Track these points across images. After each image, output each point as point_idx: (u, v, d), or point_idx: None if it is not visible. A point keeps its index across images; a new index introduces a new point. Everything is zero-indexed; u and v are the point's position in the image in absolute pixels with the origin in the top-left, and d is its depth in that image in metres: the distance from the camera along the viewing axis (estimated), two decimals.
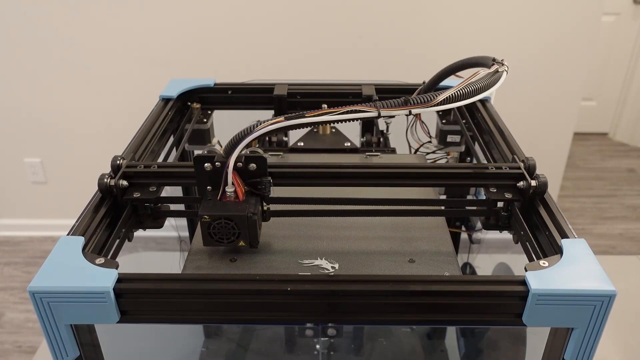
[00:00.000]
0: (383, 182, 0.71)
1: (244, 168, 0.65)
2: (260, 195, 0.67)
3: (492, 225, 0.73)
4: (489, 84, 0.63)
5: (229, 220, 0.63)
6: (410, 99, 0.59)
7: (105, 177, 0.68)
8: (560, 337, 0.56)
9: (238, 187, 0.65)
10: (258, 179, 0.66)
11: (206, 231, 0.64)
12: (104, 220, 0.65)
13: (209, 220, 0.63)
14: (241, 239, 0.65)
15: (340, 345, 1.06)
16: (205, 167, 0.65)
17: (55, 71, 2.05)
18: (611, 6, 2.92)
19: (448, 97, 0.60)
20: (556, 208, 0.65)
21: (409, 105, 0.59)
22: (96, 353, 0.59)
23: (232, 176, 0.64)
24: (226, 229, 0.64)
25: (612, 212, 2.64)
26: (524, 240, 0.66)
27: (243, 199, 0.65)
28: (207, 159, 0.65)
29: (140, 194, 0.69)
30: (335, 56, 2.01)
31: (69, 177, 2.29)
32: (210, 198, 0.65)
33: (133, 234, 0.72)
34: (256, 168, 0.65)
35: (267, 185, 0.66)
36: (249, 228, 0.64)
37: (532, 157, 0.71)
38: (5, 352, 1.85)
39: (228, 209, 0.64)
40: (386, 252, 0.70)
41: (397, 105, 0.59)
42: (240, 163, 0.65)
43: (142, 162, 0.75)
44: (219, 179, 0.65)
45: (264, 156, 0.66)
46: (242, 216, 0.63)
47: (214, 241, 0.65)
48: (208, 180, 0.66)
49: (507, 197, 0.69)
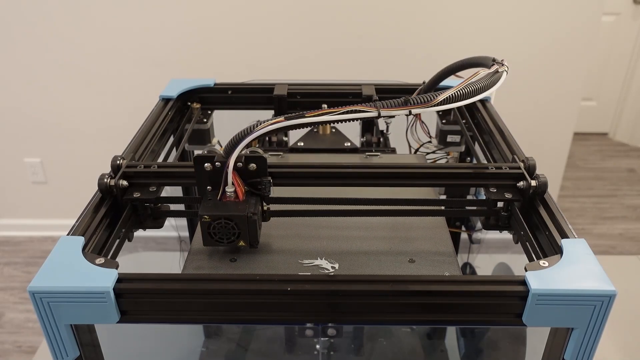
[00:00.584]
0: (383, 182, 0.71)
1: (244, 168, 0.65)
2: (260, 195, 0.67)
3: (492, 225, 0.73)
4: (489, 84, 0.63)
5: (229, 220, 0.63)
6: (410, 99, 0.59)
7: (105, 177, 0.68)
8: (560, 337, 0.56)
9: (238, 187, 0.65)
10: (258, 179, 0.66)
11: (206, 231, 0.64)
12: (104, 221, 0.65)
13: (209, 220, 0.63)
14: (241, 239, 0.65)
15: (340, 345, 1.06)
16: (205, 167, 0.65)
17: (55, 71, 2.05)
18: (611, 6, 2.92)
19: (448, 97, 0.60)
20: (556, 208, 0.65)
21: (409, 106, 0.59)
22: (96, 353, 0.59)
23: (232, 176, 0.64)
24: (226, 229, 0.64)
25: (612, 212, 2.64)
26: (524, 240, 0.66)
27: (243, 199, 0.65)
28: (207, 159, 0.65)
29: (140, 194, 0.69)
30: (335, 56, 2.01)
31: (69, 177, 2.29)
32: (210, 198, 0.65)
33: (133, 234, 0.72)
34: (256, 168, 0.65)
35: (267, 185, 0.66)
36: (249, 228, 0.64)
37: (532, 157, 0.71)
38: (5, 352, 1.85)
39: (228, 209, 0.64)
40: (386, 252, 0.70)
41: (397, 105, 0.59)
42: (240, 163, 0.64)
43: (142, 162, 0.75)
44: (219, 179, 0.64)
45: (263, 156, 0.66)
46: (242, 216, 0.63)
47: (213, 241, 0.65)
48: (208, 180, 0.66)
49: (507, 197, 0.69)
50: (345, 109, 0.59)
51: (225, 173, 0.64)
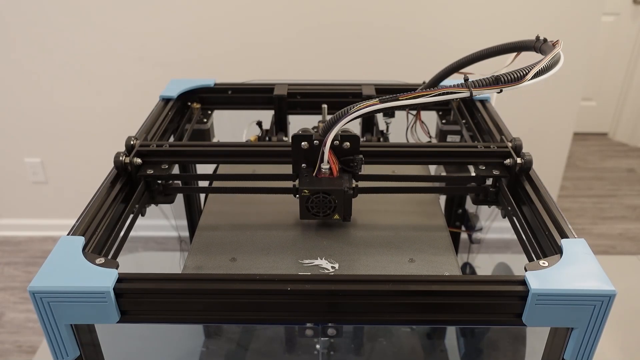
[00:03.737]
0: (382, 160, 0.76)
1: (339, 146, 0.69)
2: (351, 172, 0.71)
3: (481, 200, 0.77)
4: (558, 56, 0.65)
5: (326, 194, 0.68)
6: (500, 77, 0.60)
7: (121, 155, 0.72)
8: (560, 337, 0.56)
9: (333, 164, 0.69)
10: (351, 157, 0.70)
11: (304, 205, 0.69)
12: (119, 196, 0.69)
13: (308, 194, 0.68)
14: (336, 213, 0.69)
15: (340, 345, 1.06)
16: (302, 146, 0.69)
17: (55, 71, 2.05)
18: (611, 6, 2.92)
19: (538, 72, 0.61)
20: (544, 189, 0.68)
21: (500, 84, 0.60)
22: (96, 353, 0.59)
23: (328, 154, 0.68)
24: (323, 203, 0.69)
25: (612, 212, 2.64)
26: (511, 214, 0.70)
27: (337, 176, 0.70)
28: (305, 138, 0.69)
29: (153, 172, 0.74)
30: (335, 56, 2.01)
31: (69, 177, 2.29)
32: (306, 175, 0.70)
33: (146, 209, 0.76)
34: (350, 146, 0.70)
35: (359, 163, 0.71)
36: (345, 202, 0.68)
37: (518, 137, 0.76)
38: (5, 352, 1.85)
39: (326, 184, 0.69)
40: (386, 252, 0.70)
41: (488, 84, 0.60)
42: (337, 141, 0.69)
43: (154, 141, 0.79)
44: (314, 157, 0.70)
45: (357, 135, 0.70)
46: (340, 190, 0.68)
47: (310, 214, 0.70)
48: (303, 158, 0.71)
49: (495, 173, 0.73)
50: (438, 90, 0.60)
51: (322, 151, 0.68)
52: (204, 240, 0.73)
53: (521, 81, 0.60)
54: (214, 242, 0.73)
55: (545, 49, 0.68)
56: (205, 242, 0.73)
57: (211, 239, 0.73)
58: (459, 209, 1.10)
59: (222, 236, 0.74)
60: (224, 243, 0.72)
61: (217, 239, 0.73)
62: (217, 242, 0.73)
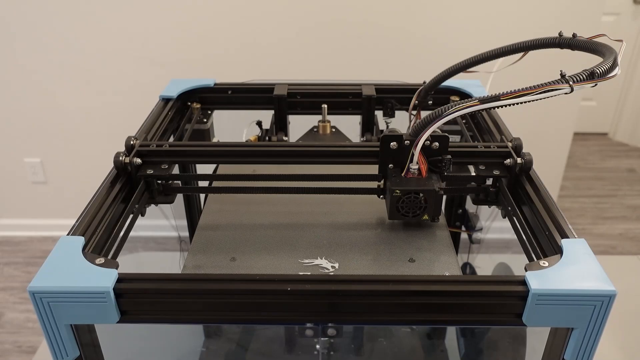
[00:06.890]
0: None
1: (428, 146, 0.69)
2: (438, 173, 0.71)
3: (482, 200, 0.77)
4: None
5: (417, 195, 0.68)
6: (595, 70, 0.60)
7: (121, 155, 0.72)
8: (560, 337, 0.56)
9: (422, 165, 0.69)
10: (439, 157, 0.70)
11: (395, 205, 0.68)
12: (118, 196, 0.69)
13: (399, 194, 0.68)
14: (425, 213, 0.69)
15: (340, 345, 1.06)
16: (391, 146, 0.69)
17: (55, 71, 2.05)
18: (611, 6, 2.92)
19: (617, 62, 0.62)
20: (544, 189, 0.68)
21: (595, 78, 0.60)
22: (96, 353, 0.59)
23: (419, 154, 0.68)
24: (414, 203, 0.68)
25: (612, 212, 2.63)
26: (511, 214, 0.70)
27: (426, 176, 0.69)
28: (394, 138, 0.69)
29: (153, 171, 0.74)
30: (335, 56, 2.01)
31: (69, 177, 2.29)
32: (395, 175, 0.70)
33: (146, 209, 0.76)
34: (439, 147, 0.69)
35: (447, 163, 0.70)
36: (435, 202, 0.68)
37: (518, 137, 0.76)
38: (5, 352, 1.85)
39: (417, 184, 0.69)
40: (386, 252, 0.70)
41: (585, 78, 0.60)
42: (427, 141, 0.68)
43: (154, 141, 0.79)
44: (403, 157, 0.69)
45: (447, 135, 0.69)
46: (432, 191, 0.68)
47: (399, 215, 0.70)
48: (391, 158, 0.70)
49: (495, 173, 0.73)
50: (538, 89, 0.60)
51: (412, 152, 0.68)
52: (203, 240, 0.73)
53: (612, 72, 0.60)
54: (213, 242, 0.73)
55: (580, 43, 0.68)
56: (205, 242, 0.72)
57: (211, 238, 0.73)
58: (459, 208, 1.10)
59: (221, 236, 0.74)
60: (223, 243, 0.72)
61: (217, 238, 0.73)
62: (217, 242, 0.73)
